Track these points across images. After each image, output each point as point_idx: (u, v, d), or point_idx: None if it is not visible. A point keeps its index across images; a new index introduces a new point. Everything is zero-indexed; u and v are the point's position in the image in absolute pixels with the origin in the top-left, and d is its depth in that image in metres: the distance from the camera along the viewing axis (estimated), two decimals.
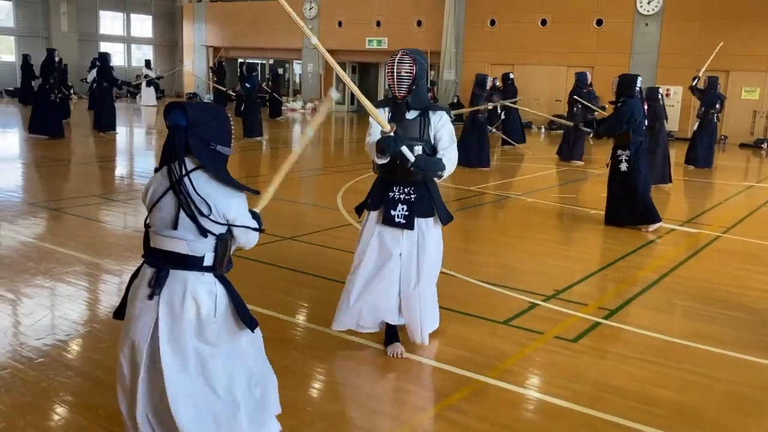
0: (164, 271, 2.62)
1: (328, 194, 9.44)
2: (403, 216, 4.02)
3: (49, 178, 10.42)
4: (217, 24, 30.25)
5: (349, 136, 20.63)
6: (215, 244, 2.65)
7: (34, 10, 27.46)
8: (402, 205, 4.03)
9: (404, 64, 3.93)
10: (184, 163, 2.59)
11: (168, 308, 2.61)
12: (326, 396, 3.61)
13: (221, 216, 2.62)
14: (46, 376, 3.64)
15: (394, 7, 25.65)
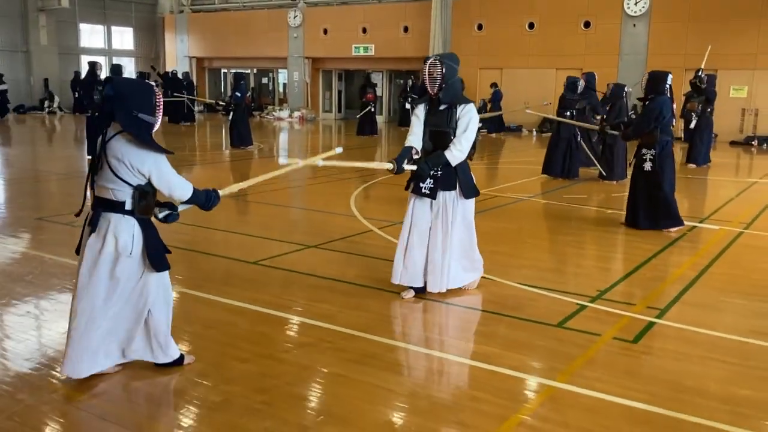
0: (97, 212, 3.38)
1: (340, 201, 9.27)
2: (428, 188, 4.93)
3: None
4: (199, 34, 29.95)
5: (338, 143, 20.46)
6: (133, 192, 3.35)
7: (13, 24, 26.95)
8: (430, 180, 4.91)
9: (435, 67, 4.80)
10: (106, 130, 3.35)
11: (94, 241, 3.38)
12: (401, 409, 3.44)
13: (136, 170, 3.31)
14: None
15: (379, 13, 25.58)
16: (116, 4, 30.57)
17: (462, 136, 4.82)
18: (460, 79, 4.94)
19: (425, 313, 4.90)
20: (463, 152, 4.84)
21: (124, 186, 3.34)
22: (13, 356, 3.92)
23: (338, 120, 28.10)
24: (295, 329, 4.50)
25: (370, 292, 5.24)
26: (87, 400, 3.40)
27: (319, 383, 3.69)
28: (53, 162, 13.88)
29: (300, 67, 27.73)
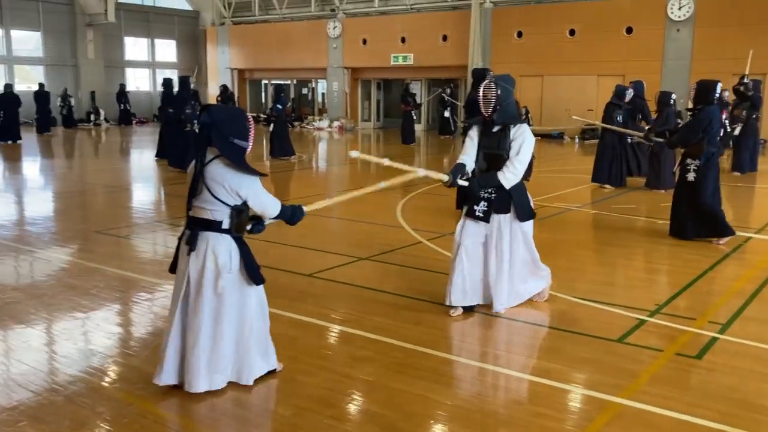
0: (195, 231, 3.54)
1: (386, 212, 9.33)
2: (482, 211, 4.93)
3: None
4: (240, 46, 30.45)
5: (378, 151, 20.55)
6: (230, 212, 3.52)
7: (62, 39, 27.76)
8: (484, 203, 4.92)
9: (490, 89, 4.82)
10: (205, 154, 3.51)
11: (194, 260, 3.54)
12: (467, 426, 3.46)
13: (234, 192, 3.49)
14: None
15: (418, 23, 25.67)
16: (160, 17, 31.27)
17: (515, 158, 4.80)
18: (515, 101, 4.97)
19: (484, 328, 4.91)
20: (516, 175, 4.83)
21: (221, 207, 3.51)
22: (93, 371, 4.05)
23: (377, 129, 28.24)
24: (356, 343, 4.55)
25: (425, 305, 5.27)
26: (160, 411, 3.51)
27: (384, 398, 3.73)
28: (103, 174, 14.23)
29: (339, 77, 27.96)
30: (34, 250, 7.14)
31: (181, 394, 3.64)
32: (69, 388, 3.72)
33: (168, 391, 3.68)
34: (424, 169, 4.79)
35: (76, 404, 3.57)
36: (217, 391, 3.65)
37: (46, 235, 7.93)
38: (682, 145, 7.56)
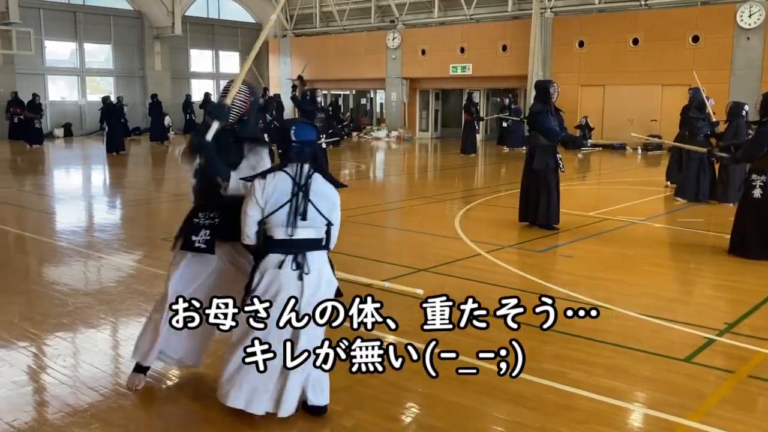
0: (302, 252, 3.35)
1: (444, 223, 9.32)
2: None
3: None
4: (301, 57, 30.91)
5: (435, 162, 20.55)
6: (327, 228, 3.43)
7: (131, 52, 28.77)
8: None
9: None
10: (312, 169, 3.39)
11: (309, 283, 3.34)
12: None
13: (335, 208, 3.45)
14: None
15: (478, 33, 25.59)
16: (224, 29, 32.07)
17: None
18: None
19: (542, 342, 4.83)
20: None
21: (323, 224, 3.43)
22: (159, 376, 4.16)
23: (434, 139, 28.23)
24: (416, 356, 4.54)
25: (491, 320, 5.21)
26: (226, 419, 3.57)
27: (442, 412, 3.72)
28: (168, 183, 14.66)
29: (398, 88, 28.09)
30: (103, 256, 7.40)
31: None
32: (137, 392, 3.83)
33: None
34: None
35: (142, 409, 3.68)
36: None
37: (114, 242, 8.21)
38: (747, 161, 7.28)
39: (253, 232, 3.38)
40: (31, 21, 24.97)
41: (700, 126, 10.74)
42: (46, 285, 6.36)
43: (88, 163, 18.92)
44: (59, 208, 11.52)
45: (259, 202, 3.33)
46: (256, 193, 3.34)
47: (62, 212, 10.96)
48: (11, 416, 3.62)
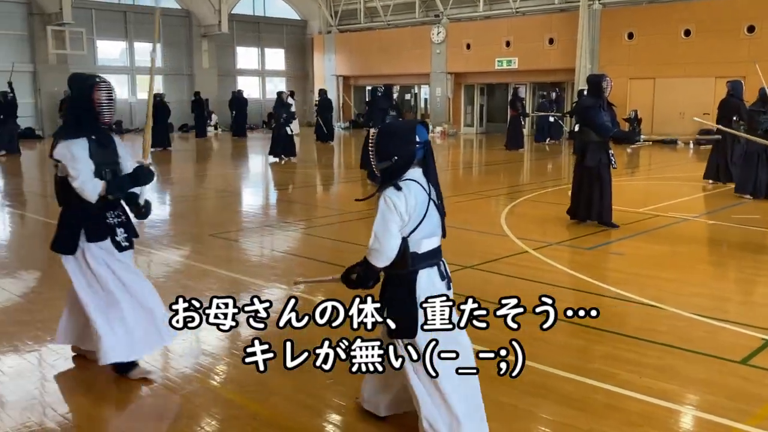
0: (443, 263, 3.21)
1: (489, 220, 9.23)
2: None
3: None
4: (345, 53, 31.05)
5: (480, 158, 20.37)
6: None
7: (179, 50, 29.29)
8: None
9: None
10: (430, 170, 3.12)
11: (451, 287, 3.26)
12: None
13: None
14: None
15: (524, 26, 25.27)
16: (269, 27, 32.40)
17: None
18: None
19: (595, 343, 4.74)
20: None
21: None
22: (206, 370, 4.22)
23: (479, 134, 28.01)
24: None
25: (531, 318, 5.12)
26: (269, 413, 3.60)
27: (492, 413, 3.65)
28: (213, 179, 14.88)
29: (442, 83, 27.95)
30: (153, 251, 7.54)
31: (290, 399, 3.72)
32: (185, 387, 3.88)
33: (280, 395, 3.77)
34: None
35: (192, 403, 3.74)
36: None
37: (164, 238, 8.36)
38: None
39: (395, 250, 3.04)
40: (84, 21, 25.63)
41: (760, 120, 10.37)
42: None
43: None
44: None
45: (403, 217, 2.99)
46: (398, 207, 2.98)
47: None
48: (64, 409, 3.72)
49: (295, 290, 4.95)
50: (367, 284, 3.16)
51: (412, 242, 3.05)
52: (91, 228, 3.90)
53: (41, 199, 12.14)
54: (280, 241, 8.18)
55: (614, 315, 5.30)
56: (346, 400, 3.76)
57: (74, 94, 3.95)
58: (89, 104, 3.84)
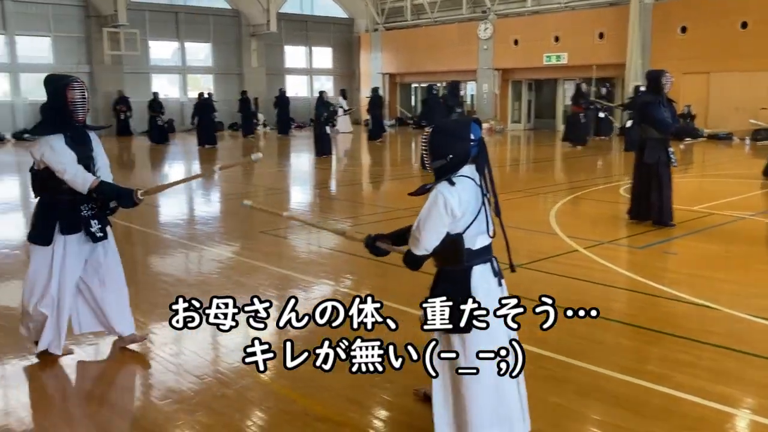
0: (495, 260, 3.17)
1: (538, 217, 9.12)
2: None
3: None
4: (392, 51, 31.09)
5: (527, 154, 20.14)
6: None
7: (229, 50, 29.76)
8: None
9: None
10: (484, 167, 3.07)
11: (503, 284, 3.26)
12: None
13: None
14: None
15: (573, 21, 24.89)
16: (317, 26, 32.66)
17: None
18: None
19: (650, 345, 4.65)
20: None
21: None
22: None
23: (527, 130, 27.72)
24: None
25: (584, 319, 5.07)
26: (321, 411, 3.65)
27: (542, 412, 3.63)
28: (259, 177, 15.08)
29: (489, 79, 27.75)
30: (204, 248, 7.70)
31: (341, 395, 3.76)
32: (239, 382, 3.96)
33: (331, 391, 3.81)
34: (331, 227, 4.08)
35: (246, 398, 3.81)
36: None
37: (215, 235, 8.53)
38: None
39: (434, 244, 3.04)
40: (138, 22, 26.27)
41: None
42: (153, 275, 6.70)
43: (187, 158, 19.72)
44: (163, 201, 12.07)
45: (455, 213, 2.96)
46: (451, 203, 2.94)
47: (165, 205, 11.49)
48: (119, 396, 3.85)
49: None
50: (415, 268, 3.19)
51: (467, 238, 3.02)
52: (65, 221, 4.15)
53: None
54: (327, 239, 8.24)
55: (668, 316, 5.20)
56: (394, 396, 3.78)
57: (49, 93, 4.15)
58: (63, 103, 4.04)
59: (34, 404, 3.87)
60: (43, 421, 3.64)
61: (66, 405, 3.88)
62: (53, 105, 4.10)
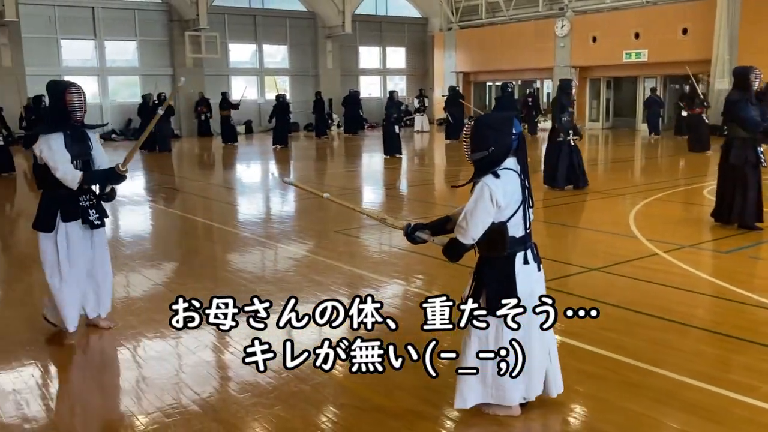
0: (535, 246, 3.43)
1: (616, 219, 8.90)
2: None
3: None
4: (466, 49, 30.90)
5: (606, 154, 19.63)
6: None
7: (305, 52, 30.29)
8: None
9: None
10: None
11: (542, 270, 3.50)
12: None
13: None
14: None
15: (654, 16, 24.09)
16: (391, 26, 32.82)
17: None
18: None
19: (735, 353, 4.48)
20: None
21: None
22: None
23: (605, 129, 27.02)
24: (583, 358, 4.41)
25: (658, 322, 4.94)
26: (391, 406, 3.69)
27: (617, 418, 3.57)
28: (332, 177, 15.30)
29: (566, 77, 27.13)
30: (281, 246, 7.89)
31: (414, 394, 3.80)
32: (314, 378, 4.05)
33: (404, 389, 3.85)
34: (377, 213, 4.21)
35: (321, 394, 3.90)
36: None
37: (291, 233, 8.72)
38: None
39: (480, 233, 3.27)
40: (218, 26, 27.07)
41: None
42: (233, 272, 6.91)
43: (263, 158, 20.18)
44: (240, 199, 12.44)
45: (500, 204, 3.21)
46: (496, 195, 3.19)
47: (243, 204, 11.84)
48: (200, 388, 4.01)
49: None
50: (455, 259, 3.40)
51: (510, 227, 3.26)
52: (65, 210, 4.62)
53: (179, 194, 13.00)
54: (398, 239, 8.27)
55: (755, 324, 4.99)
56: None
57: (50, 97, 4.61)
58: (63, 105, 4.50)
59: (122, 393, 4.08)
60: (134, 408, 3.82)
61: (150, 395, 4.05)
62: (54, 107, 4.57)
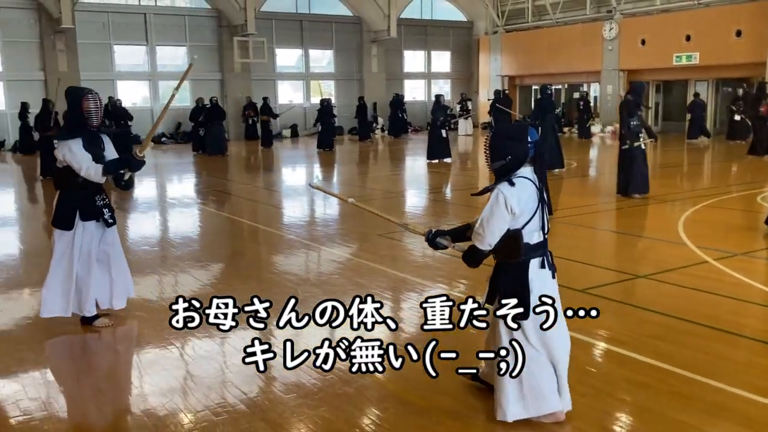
0: (550, 253, 3.50)
1: (665, 226, 8.74)
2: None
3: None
4: (512, 53, 30.68)
5: (655, 159, 19.24)
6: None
7: (350, 56, 30.49)
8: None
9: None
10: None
11: (556, 277, 3.57)
12: None
13: None
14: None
15: (706, 18, 23.54)
16: (436, 30, 32.80)
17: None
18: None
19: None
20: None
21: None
22: None
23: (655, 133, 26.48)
24: (631, 366, 4.35)
25: (708, 331, 4.84)
26: (434, 414, 3.70)
27: (661, 428, 3.52)
28: (375, 180, 15.36)
29: (614, 80, 26.77)
30: (325, 248, 7.97)
31: (458, 400, 3.81)
32: (358, 380, 4.08)
33: (448, 395, 3.86)
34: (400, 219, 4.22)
35: (365, 396, 3.94)
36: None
37: (336, 236, 8.80)
38: None
39: (496, 239, 3.36)
40: (265, 31, 27.45)
41: None
42: (278, 274, 7.02)
43: (308, 162, 20.39)
44: (286, 202, 12.60)
45: (514, 211, 3.30)
46: (510, 202, 3.28)
47: (288, 206, 11.99)
48: (247, 388, 4.08)
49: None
50: (475, 265, 3.51)
51: (526, 233, 3.35)
52: (84, 209, 4.98)
53: (227, 197, 13.24)
54: None
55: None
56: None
57: (69, 103, 4.95)
58: (80, 111, 4.83)
59: (170, 390, 4.18)
60: (183, 406, 3.92)
61: (198, 393, 4.14)
62: (72, 113, 4.94)
